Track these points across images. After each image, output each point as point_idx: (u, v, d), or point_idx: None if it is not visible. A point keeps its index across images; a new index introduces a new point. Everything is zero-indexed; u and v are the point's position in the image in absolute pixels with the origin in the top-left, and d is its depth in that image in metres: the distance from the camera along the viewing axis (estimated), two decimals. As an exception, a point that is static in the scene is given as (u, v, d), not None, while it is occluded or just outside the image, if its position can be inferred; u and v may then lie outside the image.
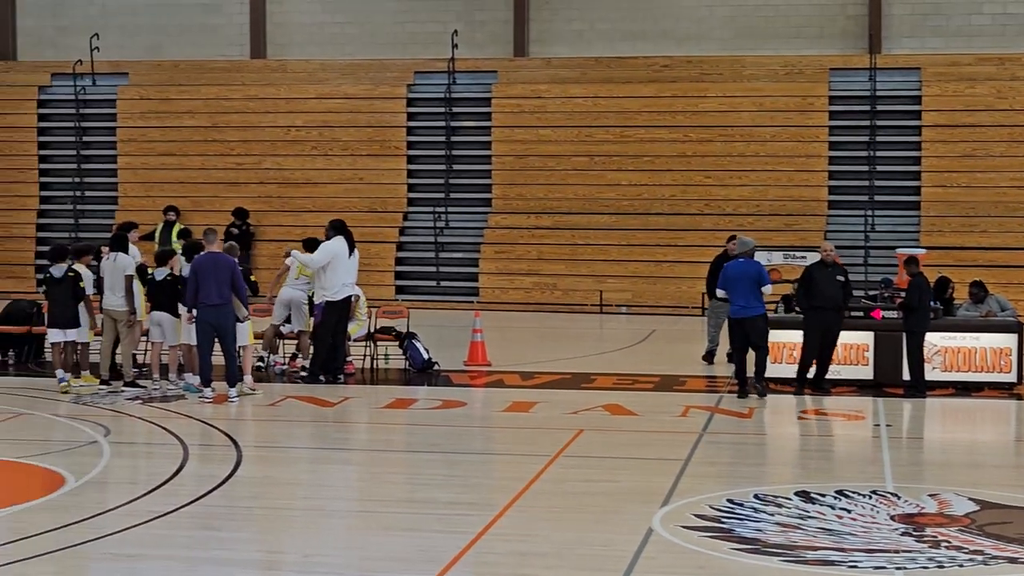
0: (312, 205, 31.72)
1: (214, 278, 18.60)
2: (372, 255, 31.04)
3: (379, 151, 32.31)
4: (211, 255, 18.94)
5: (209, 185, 32.72)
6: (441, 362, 21.52)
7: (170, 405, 18.37)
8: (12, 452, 15.38)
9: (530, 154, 31.78)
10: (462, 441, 16.43)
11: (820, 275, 19.51)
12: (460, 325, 25.29)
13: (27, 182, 33.61)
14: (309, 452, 15.92)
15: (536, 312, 29.77)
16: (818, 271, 19.59)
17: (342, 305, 20.20)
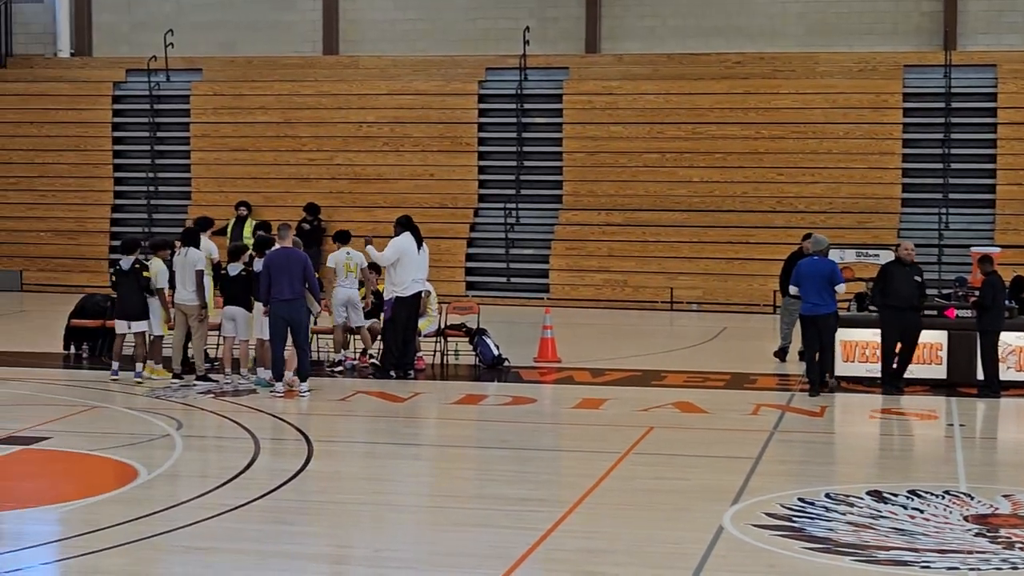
0: (383, 201, 31.81)
1: (286, 273, 18.70)
2: (443, 251, 31.08)
3: (450, 147, 32.36)
4: (284, 250, 19.03)
5: (281, 181, 32.88)
6: (511, 358, 21.52)
7: (241, 399, 18.47)
8: (86, 445, 15.53)
9: (601, 151, 31.72)
10: (532, 437, 16.42)
11: (897, 274, 19.34)
12: (530, 321, 25.29)
13: (102, 177, 33.90)
14: (379, 447, 15.97)
15: (606, 309, 29.72)
16: (895, 270, 19.42)
17: (411, 301, 20.24)
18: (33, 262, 33.32)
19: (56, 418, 17.08)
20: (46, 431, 16.19)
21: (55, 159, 33.84)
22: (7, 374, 20.55)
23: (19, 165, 33.91)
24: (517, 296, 30.95)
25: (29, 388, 19.37)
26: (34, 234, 33.49)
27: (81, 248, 33.23)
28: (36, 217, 33.59)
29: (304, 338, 18.93)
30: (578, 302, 30.17)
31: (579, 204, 31.64)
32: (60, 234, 33.42)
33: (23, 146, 33.98)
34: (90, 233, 33.32)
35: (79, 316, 22.55)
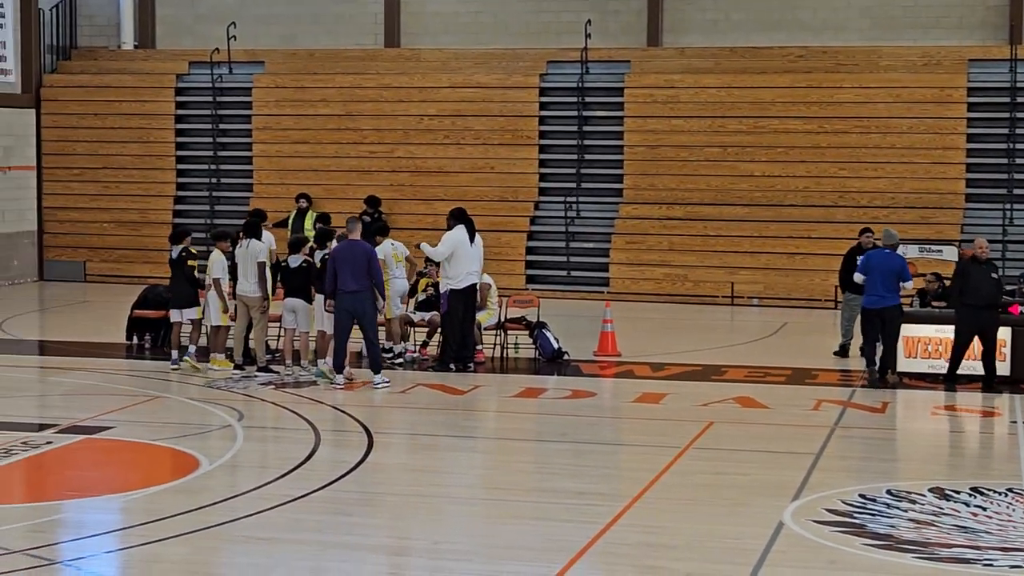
0: (444, 194, 31.83)
1: (351, 265, 18.81)
2: (503, 244, 31.08)
3: (511, 140, 32.35)
4: (349, 243, 19.14)
5: (342, 173, 32.96)
6: (571, 352, 21.52)
7: (302, 391, 18.56)
8: (148, 434, 15.64)
9: (662, 144, 31.63)
10: (591, 431, 16.42)
11: (975, 272, 19.16)
12: (590, 315, 25.27)
13: (164, 169, 34.08)
14: (439, 439, 16.01)
15: (666, 303, 29.64)
16: (972, 268, 19.25)
17: (467, 293, 20.26)
18: (96, 253, 33.57)
19: (119, 408, 17.21)
20: (109, 421, 16.33)
21: (118, 151, 34.06)
22: (72, 364, 20.73)
23: (83, 156, 34.15)
24: (577, 290, 30.91)
25: (93, 378, 19.53)
26: (97, 225, 33.74)
27: (144, 239, 33.43)
28: (99, 208, 33.83)
29: (372, 330, 19.03)
30: (638, 296, 30.09)
31: (639, 198, 31.56)
32: (123, 225, 33.65)
33: (87, 137, 34.21)
34: (152, 224, 33.52)
35: (141, 307, 22.71)
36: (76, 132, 34.24)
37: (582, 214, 31.73)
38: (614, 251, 30.93)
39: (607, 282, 30.80)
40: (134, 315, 22.68)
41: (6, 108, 32.57)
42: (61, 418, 16.50)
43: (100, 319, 26.23)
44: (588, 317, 25.42)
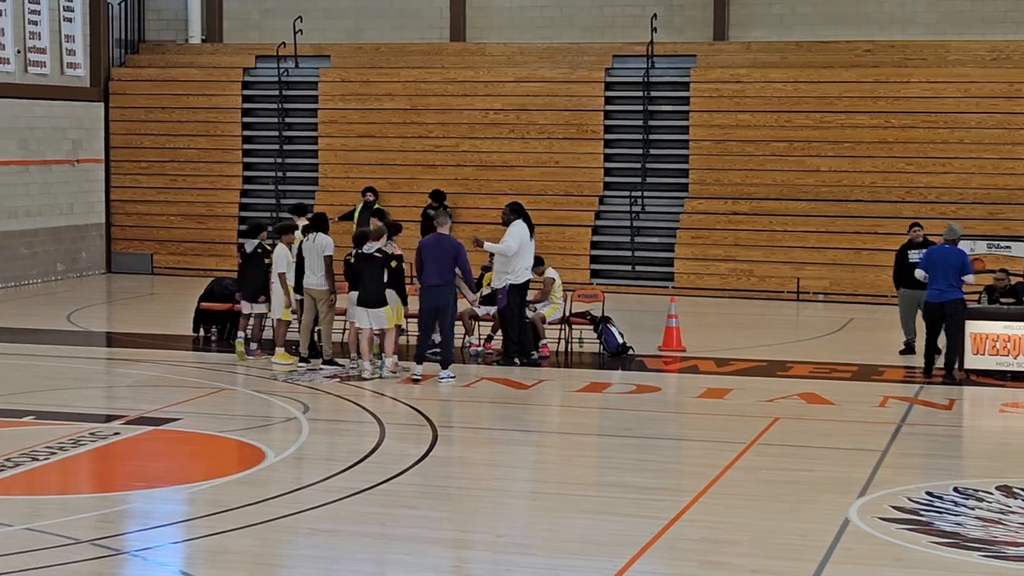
0: (509, 188, 31.83)
1: (436, 259, 18.90)
2: (567, 239, 31.05)
3: (576, 135, 32.31)
4: (436, 236, 19.26)
5: (406, 167, 33.02)
6: (635, 347, 21.48)
7: (367, 384, 18.62)
8: (214, 426, 15.74)
9: (728, 139, 31.50)
10: (655, 426, 16.39)
11: None
12: (655, 310, 25.22)
13: (231, 162, 34.26)
14: (503, 433, 16.03)
15: (732, 298, 29.54)
16: None
17: (525, 287, 20.34)
18: (163, 246, 33.81)
19: (186, 400, 17.33)
20: (176, 412, 16.45)
21: (185, 144, 34.28)
22: (139, 356, 20.89)
23: (150, 150, 34.39)
24: (642, 284, 30.85)
25: (160, 370, 19.68)
26: (164, 218, 33.97)
27: (210, 232, 33.63)
28: (166, 201, 34.06)
29: (450, 325, 19.14)
30: (703, 291, 30.00)
31: (705, 193, 31.46)
32: (190, 218, 33.86)
33: (154, 131, 34.45)
34: (219, 217, 33.71)
35: (208, 300, 22.84)
36: (144, 126, 34.48)
37: (647, 209, 31.65)
38: (679, 246, 30.84)
39: (672, 277, 30.72)
40: (201, 308, 22.82)
41: (75, 101, 32.85)
42: (128, 409, 16.63)
43: (167, 311, 26.42)
44: (652, 312, 25.37)
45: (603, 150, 32.25)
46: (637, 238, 31.35)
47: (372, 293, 19.00)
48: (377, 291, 19.01)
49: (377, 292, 19.02)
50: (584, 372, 20.21)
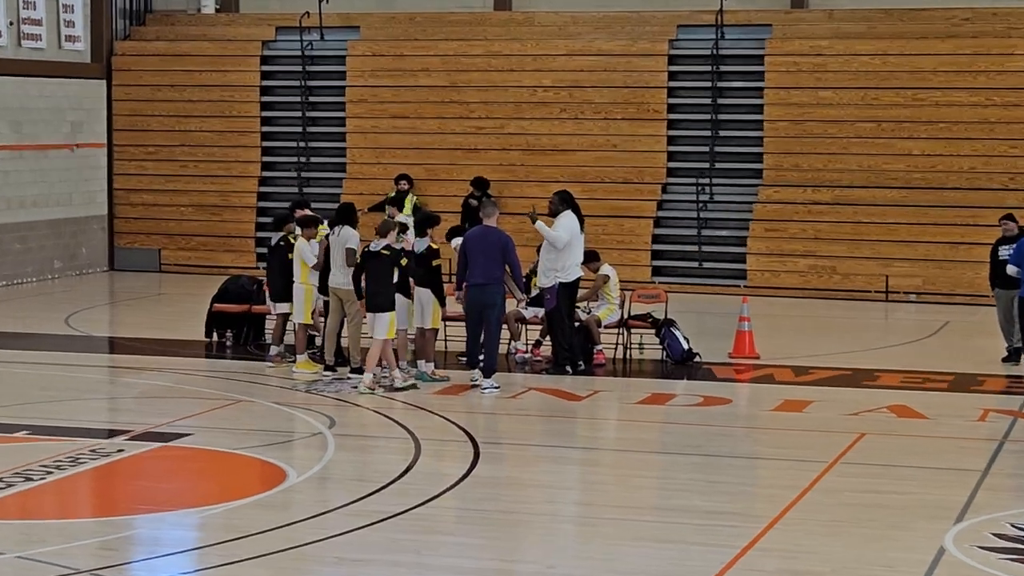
0: (560, 175, 31.84)
1: (483, 254, 18.96)
2: (626, 232, 31.04)
3: (636, 114, 32.29)
4: (483, 229, 19.36)
5: (445, 152, 33.07)
6: (703, 353, 21.45)
7: (400, 395, 18.65)
8: (230, 442, 15.80)
9: (807, 119, 31.43)
10: (725, 443, 16.36)
11: None
12: (725, 312, 25.18)
13: (248, 146, 34.40)
14: (553, 451, 16.02)
15: (812, 299, 29.46)
16: None
17: (575, 286, 20.31)
18: (173, 240, 33.97)
19: (197, 413, 17.41)
20: (187, 427, 16.52)
21: (197, 126, 34.42)
22: (145, 364, 20.99)
23: (158, 133, 34.55)
24: (710, 283, 30.80)
25: (169, 379, 19.76)
26: (174, 209, 34.12)
27: (226, 225, 33.77)
28: (176, 190, 34.21)
29: (495, 327, 19.22)
30: (779, 291, 29.94)
31: (781, 179, 31.40)
32: (202, 209, 34.00)
33: (163, 111, 34.60)
34: (235, 208, 33.84)
35: (222, 300, 22.93)
36: (151, 106, 34.63)
37: (716, 198, 31.61)
38: (752, 239, 30.78)
39: (744, 274, 30.67)
40: (214, 309, 22.91)
41: (74, 79, 33.03)
42: (133, 423, 16.71)
43: (177, 313, 26.56)
44: (722, 314, 25.33)
45: (666, 132, 32.22)
46: (704, 231, 31.31)
47: (374, 296, 18.90)
48: (380, 293, 18.91)
49: (381, 294, 18.91)
50: (644, 382, 20.20)
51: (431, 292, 19.51)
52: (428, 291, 19.49)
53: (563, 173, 31.82)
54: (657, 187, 31.94)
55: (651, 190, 31.91)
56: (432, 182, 32.32)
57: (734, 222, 31.34)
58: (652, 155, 32.15)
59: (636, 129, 32.23)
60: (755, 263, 30.63)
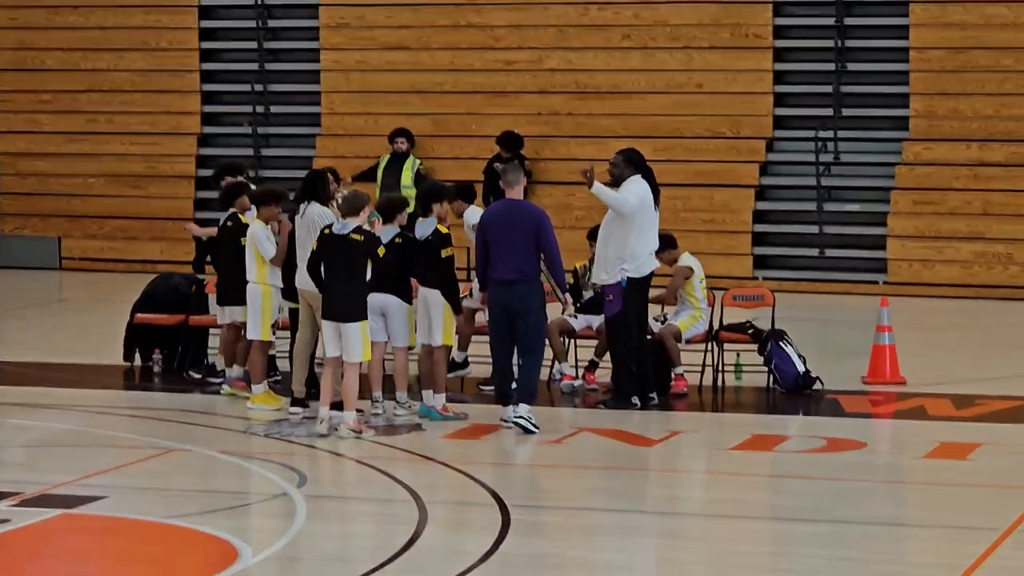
0: (622, 128, 31.82)
1: (508, 240, 18.96)
2: (717, 207, 31.05)
3: (730, 43, 32.24)
4: (507, 204, 19.36)
5: (460, 97, 33.04)
6: (825, 378, 21.43)
7: (399, 439, 18.68)
8: (158, 509, 15.83)
9: (969, 46, 31.38)
10: (858, 505, 16.34)
11: None
12: (855, 319, 25.17)
13: (184, 91, 34.38)
14: (612, 518, 16.02)
15: (977, 299, 29.42)
16: None
17: (647, 285, 20.22)
18: (77, 224, 34.00)
19: (114, 467, 17.44)
20: (98, 486, 16.53)
21: (110, 64, 34.47)
22: (40, 399, 21.03)
23: (56, 74, 34.60)
24: (835, 278, 30.78)
25: (73, 421, 19.82)
26: (78, 181, 34.14)
27: (152, 203, 33.81)
28: (82, 155, 34.24)
29: (535, 340, 19.31)
30: (933, 288, 29.94)
31: (935, 132, 31.38)
32: (118, 180, 34.05)
33: (62, 43, 34.65)
34: (165, 179, 33.88)
35: (148, 308, 22.95)
36: (45, 35, 34.70)
37: (842, 157, 31.59)
38: (894, 217, 30.78)
39: (883, 266, 30.66)
40: (136, 321, 22.94)
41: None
42: (24, 482, 16.73)
43: (83, 327, 26.60)
44: (853, 322, 25.32)
45: (772, 66, 32.20)
46: (827, 205, 31.29)
47: (339, 299, 18.77)
48: (348, 295, 18.78)
49: (348, 297, 18.78)
50: (743, 418, 20.26)
51: (441, 295, 19.51)
52: (436, 293, 19.50)
53: (626, 126, 31.83)
54: (760, 144, 31.93)
55: (752, 149, 31.90)
56: (442, 139, 32.36)
57: (869, 192, 31.32)
58: (753, 99, 32.12)
59: (730, 63, 32.21)
60: (898, 250, 30.61)
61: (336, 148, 32.72)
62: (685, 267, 21.43)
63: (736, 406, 20.92)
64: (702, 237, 28.90)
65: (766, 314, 22.14)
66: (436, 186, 20.82)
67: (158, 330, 22.85)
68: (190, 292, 22.95)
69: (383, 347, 20.00)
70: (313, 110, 33.98)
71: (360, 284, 18.81)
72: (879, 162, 31.52)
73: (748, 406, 20.93)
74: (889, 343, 21.95)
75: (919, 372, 22.07)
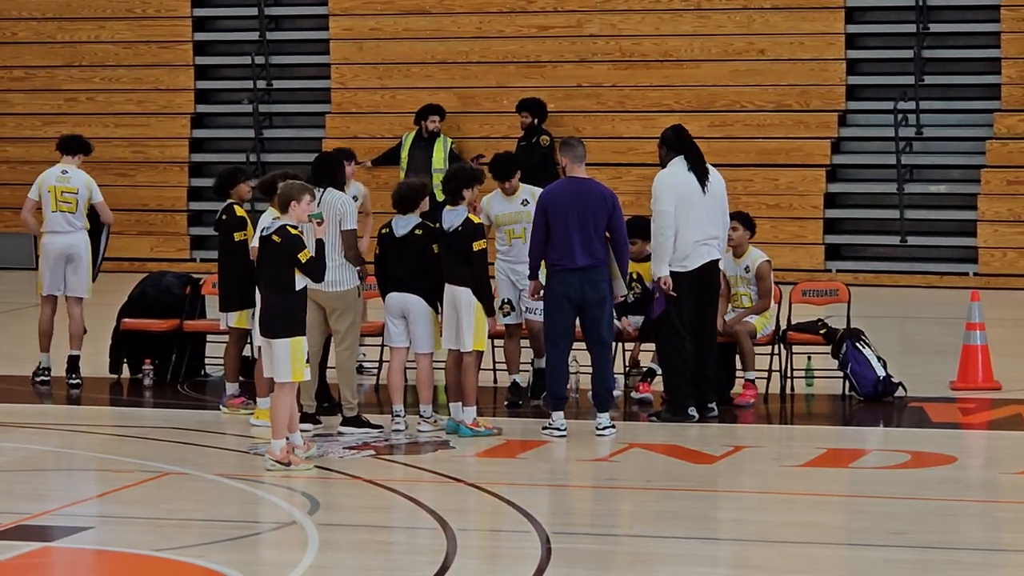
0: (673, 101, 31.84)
1: (579, 222, 19.10)
2: (783, 189, 31.08)
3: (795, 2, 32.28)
4: (575, 183, 19.48)
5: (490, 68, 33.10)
6: (908, 383, 21.43)
7: (424, 457, 18.71)
8: (150, 540, 15.86)
9: (1073, 1, 31.44)
10: (947, 527, 16.34)
11: None
12: (943, 316, 25.18)
13: (176, 65, 34.46)
14: (667, 545, 16.03)
15: (1085, 293, 29.48)
16: None
17: (701, 279, 20.18)
18: (56, 218, 34.15)
19: (100, 494, 17.48)
20: (82, 516, 16.59)
21: (93, 35, 34.55)
22: (16, 416, 21.08)
23: (31, 47, 34.71)
24: (918, 270, 30.79)
25: (54, 441, 19.88)
26: (58, 165, 34.29)
27: (140, 192, 33.90)
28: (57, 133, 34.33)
29: (608, 332, 19.56)
30: (1030, 281, 29.98)
31: (1032, 101, 31.40)
32: (101, 168, 34.09)
33: (37, 11, 34.75)
34: (155, 165, 33.97)
35: (137, 312, 23.01)
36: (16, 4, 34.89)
37: (925, 131, 31.60)
38: (985, 199, 30.78)
39: (974, 256, 30.67)
40: (124, 327, 22.98)
41: None
42: (-2, 512, 16.81)
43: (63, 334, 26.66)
44: (939, 320, 25.33)
45: (844, 28, 32.21)
46: (908, 186, 31.30)
47: (263, 312, 18.70)
48: (273, 307, 18.60)
49: (274, 308, 18.59)
50: (815, 430, 20.30)
51: (471, 293, 19.52)
52: (466, 292, 19.51)
53: (678, 99, 31.89)
54: (831, 118, 31.96)
55: (822, 123, 31.93)
56: (469, 117, 32.42)
57: (956, 171, 31.32)
58: (823, 66, 32.17)
59: (796, 25, 32.25)
60: (991, 237, 30.62)
61: (348, 128, 32.81)
62: (766, 261, 21.35)
63: (807, 417, 20.94)
64: (766, 224, 28.87)
65: (840, 311, 22.15)
66: (466, 169, 20.73)
67: (148, 337, 22.91)
68: (184, 293, 22.98)
69: (404, 353, 20.04)
70: (322, 84, 34.06)
71: (283, 295, 18.31)
72: (967, 136, 31.54)
73: (820, 416, 20.94)
74: (981, 343, 21.94)
75: (1015, 376, 22.10)
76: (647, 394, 21.30)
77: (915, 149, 31.46)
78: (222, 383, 21.64)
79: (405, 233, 19.81)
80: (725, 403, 20.72)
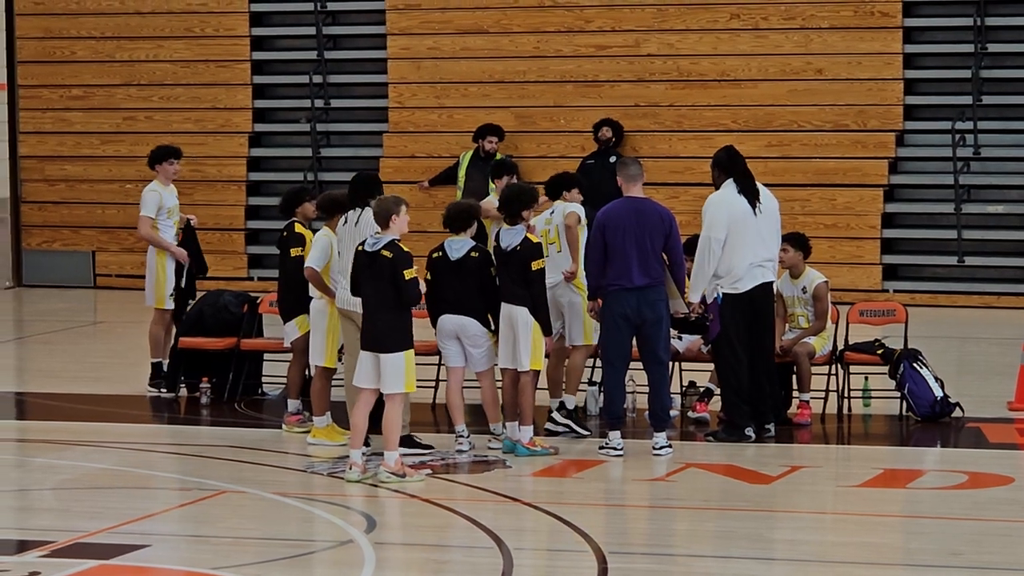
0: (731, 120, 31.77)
1: (636, 241, 19.07)
2: (840, 209, 30.97)
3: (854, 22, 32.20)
4: (633, 203, 19.50)
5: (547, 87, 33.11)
6: (966, 403, 21.37)
7: (481, 477, 18.69)
8: (209, 559, 15.87)
9: None
10: (1006, 548, 16.29)
11: None
12: (1002, 336, 25.09)
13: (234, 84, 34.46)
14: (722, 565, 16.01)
15: None
16: None
17: (754, 300, 20.16)
18: (113, 236, 34.07)
19: (157, 512, 17.50)
20: (138, 534, 16.59)
21: (152, 54, 34.58)
22: (72, 434, 21.10)
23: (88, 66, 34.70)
24: (976, 290, 30.69)
25: (110, 459, 19.89)
26: (114, 188, 34.21)
27: (198, 211, 33.76)
28: (118, 157, 34.34)
29: (665, 351, 19.59)
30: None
31: (1092, 122, 31.32)
32: (160, 187, 34.19)
33: (95, 32, 34.79)
34: (212, 184, 33.97)
35: (194, 331, 23.02)
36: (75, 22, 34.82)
37: (983, 152, 31.51)
38: (1045, 219, 30.70)
39: (1033, 274, 30.60)
40: (181, 345, 23.01)
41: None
42: (55, 530, 16.79)
43: (120, 353, 26.69)
44: (997, 340, 25.24)
45: (902, 48, 32.16)
46: (966, 206, 31.21)
47: (374, 324, 18.61)
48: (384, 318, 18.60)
49: (385, 322, 18.58)
50: (872, 451, 20.26)
51: (529, 312, 19.51)
52: (524, 311, 19.49)
53: (735, 118, 31.84)
54: (889, 138, 31.89)
55: (880, 143, 31.86)
56: (526, 136, 32.37)
57: (1014, 191, 31.24)
58: (881, 86, 32.09)
59: (854, 44, 32.18)
60: (1049, 256, 30.55)
61: (406, 147, 32.79)
62: (824, 282, 21.30)
63: (864, 437, 20.87)
64: (824, 244, 28.83)
65: (898, 331, 22.10)
66: (524, 189, 20.63)
67: (206, 355, 22.93)
68: (241, 312, 22.99)
69: (461, 372, 20.02)
70: (379, 104, 34.05)
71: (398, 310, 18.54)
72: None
73: (878, 437, 20.88)
74: (1040, 364, 21.93)
75: (1073, 396, 22.03)
76: (704, 414, 21.27)
77: (972, 169, 31.38)
78: (279, 402, 21.67)
79: (461, 256, 19.78)
80: (782, 423, 20.70)
